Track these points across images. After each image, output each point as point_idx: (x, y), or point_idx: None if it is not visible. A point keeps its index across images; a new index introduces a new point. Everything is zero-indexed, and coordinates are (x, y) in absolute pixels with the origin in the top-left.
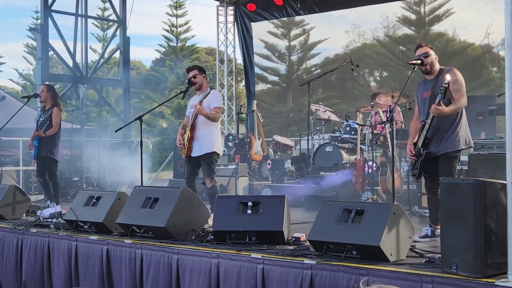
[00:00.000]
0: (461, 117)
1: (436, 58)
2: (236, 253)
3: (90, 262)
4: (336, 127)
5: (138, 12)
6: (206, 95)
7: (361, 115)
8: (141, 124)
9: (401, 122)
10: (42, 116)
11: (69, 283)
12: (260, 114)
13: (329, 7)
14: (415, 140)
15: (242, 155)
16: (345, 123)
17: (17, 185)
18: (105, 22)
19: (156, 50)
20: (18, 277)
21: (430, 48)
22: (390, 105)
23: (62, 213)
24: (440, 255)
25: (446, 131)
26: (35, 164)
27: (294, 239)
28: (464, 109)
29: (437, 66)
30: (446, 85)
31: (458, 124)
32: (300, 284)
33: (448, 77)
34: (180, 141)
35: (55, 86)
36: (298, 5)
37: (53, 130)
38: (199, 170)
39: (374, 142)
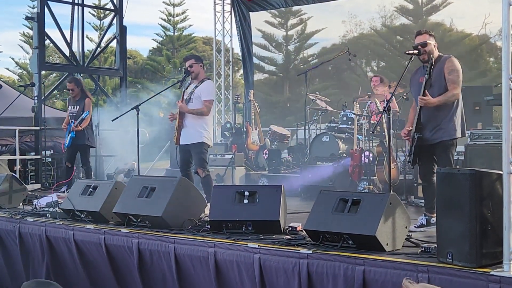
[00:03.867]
0: (457, 106)
1: (435, 46)
2: (232, 243)
3: (87, 251)
4: (333, 117)
5: (135, 1)
6: (198, 85)
7: (358, 105)
8: (137, 114)
9: (398, 112)
10: (73, 107)
11: (66, 273)
12: (257, 104)
13: None
14: (411, 128)
15: (238, 145)
16: (342, 113)
17: (14, 174)
18: (101, 11)
19: (153, 39)
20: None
21: (430, 35)
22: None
23: (59, 202)
24: (435, 245)
25: (442, 120)
26: (65, 152)
27: (290, 228)
28: (461, 98)
29: (436, 53)
30: (432, 68)
31: (455, 113)
32: (297, 273)
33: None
34: (172, 116)
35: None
36: None
37: (86, 122)
38: (192, 159)
39: (371, 132)
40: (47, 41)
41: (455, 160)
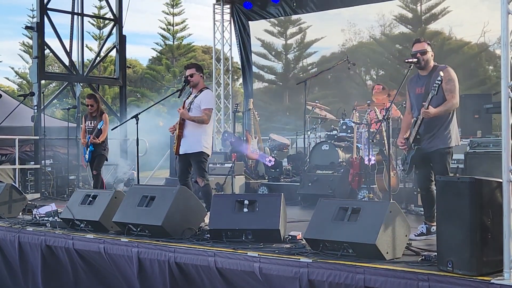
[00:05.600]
0: (453, 116)
1: (432, 55)
2: (232, 252)
3: (87, 261)
4: (332, 126)
5: (134, 10)
6: (198, 95)
7: (357, 114)
8: (137, 123)
9: (400, 118)
10: (90, 123)
11: (65, 283)
12: (256, 113)
13: (326, 6)
14: (406, 135)
15: (238, 154)
16: (342, 122)
17: (13, 183)
18: (101, 20)
19: (152, 48)
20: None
21: (428, 44)
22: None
23: (59, 211)
24: (436, 253)
25: (438, 129)
26: (88, 167)
27: (290, 237)
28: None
29: (432, 63)
30: (439, 83)
31: (450, 122)
32: (298, 282)
33: (441, 74)
34: (173, 128)
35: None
36: (294, 4)
37: (104, 135)
38: (191, 168)
39: (371, 140)
40: (47, 51)
41: (454, 168)
